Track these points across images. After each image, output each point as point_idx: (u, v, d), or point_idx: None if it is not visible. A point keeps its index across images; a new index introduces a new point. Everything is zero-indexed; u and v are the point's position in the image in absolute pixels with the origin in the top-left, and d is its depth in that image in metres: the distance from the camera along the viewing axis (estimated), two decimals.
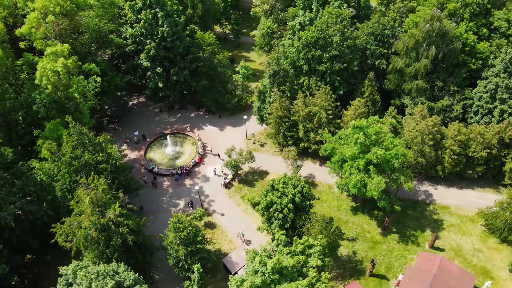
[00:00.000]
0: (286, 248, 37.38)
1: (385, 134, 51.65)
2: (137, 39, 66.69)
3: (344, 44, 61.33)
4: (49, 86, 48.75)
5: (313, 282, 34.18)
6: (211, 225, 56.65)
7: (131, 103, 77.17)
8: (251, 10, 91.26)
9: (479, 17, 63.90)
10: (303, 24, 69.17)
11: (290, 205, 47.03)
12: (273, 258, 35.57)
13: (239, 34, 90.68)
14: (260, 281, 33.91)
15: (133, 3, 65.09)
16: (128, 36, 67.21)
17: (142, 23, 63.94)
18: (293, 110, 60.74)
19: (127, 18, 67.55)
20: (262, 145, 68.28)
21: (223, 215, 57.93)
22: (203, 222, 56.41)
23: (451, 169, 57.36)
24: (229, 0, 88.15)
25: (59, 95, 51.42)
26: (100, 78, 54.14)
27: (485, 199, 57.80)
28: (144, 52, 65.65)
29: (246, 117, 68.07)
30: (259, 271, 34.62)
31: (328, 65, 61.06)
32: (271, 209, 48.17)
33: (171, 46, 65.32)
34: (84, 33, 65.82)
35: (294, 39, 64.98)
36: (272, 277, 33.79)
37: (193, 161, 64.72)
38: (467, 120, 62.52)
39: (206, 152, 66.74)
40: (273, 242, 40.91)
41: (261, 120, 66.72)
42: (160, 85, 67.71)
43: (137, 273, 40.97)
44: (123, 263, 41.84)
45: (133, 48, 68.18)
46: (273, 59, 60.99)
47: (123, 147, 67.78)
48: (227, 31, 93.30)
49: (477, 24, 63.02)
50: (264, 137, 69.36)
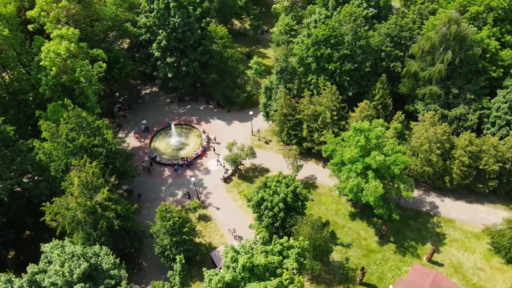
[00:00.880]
0: (263, 246, 36.34)
1: (387, 139, 49.56)
2: (150, 29, 67.40)
3: (356, 44, 59.26)
4: (53, 68, 49.84)
5: (285, 284, 33.00)
6: (205, 218, 56.35)
7: (144, 92, 78.12)
8: (272, 7, 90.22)
9: (505, 22, 59.98)
10: (318, 21, 67.47)
11: (281, 204, 46.06)
12: (248, 255, 34.70)
13: (258, 30, 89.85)
14: (230, 277, 33.17)
15: None
16: (141, 26, 67.99)
17: (154, 12, 64.52)
18: (298, 108, 59.43)
19: (141, 7, 68.32)
20: (267, 142, 67.30)
21: (218, 209, 57.50)
22: (197, 214, 56.26)
23: (460, 181, 54.23)
24: None
25: (64, 78, 52.54)
26: (105, 64, 54.81)
27: (495, 215, 54.26)
28: (156, 42, 66.16)
29: (252, 112, 67.34)
30: (230, 267, 33.85)
31: (338, 64, 59.22)
32: (262, 206, 47.38)
33: (181, 37, 65.45)
34: (101, 20, 67.10)
35: (306, 36, 63.47)
36: (243, 274, 32.90)
37: (195, 153, 64.64)
38: (482, 131, 58.95)
39: (210, 145, 66.50)
40: (253, 239, 40.01)
41: (267, 116, 65.75)
42: (170, 75, 68.07)
43: (121, 259, 41.08)
44: (108, 247, 42.28)
45: (146, 38, 68.93)
46: (281, 55, 59.89)
47: (130, 134, 68.69)
48: (247, 27, 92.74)
49: (501, 30, 59.21)
50: (270, 135, 68.37)
